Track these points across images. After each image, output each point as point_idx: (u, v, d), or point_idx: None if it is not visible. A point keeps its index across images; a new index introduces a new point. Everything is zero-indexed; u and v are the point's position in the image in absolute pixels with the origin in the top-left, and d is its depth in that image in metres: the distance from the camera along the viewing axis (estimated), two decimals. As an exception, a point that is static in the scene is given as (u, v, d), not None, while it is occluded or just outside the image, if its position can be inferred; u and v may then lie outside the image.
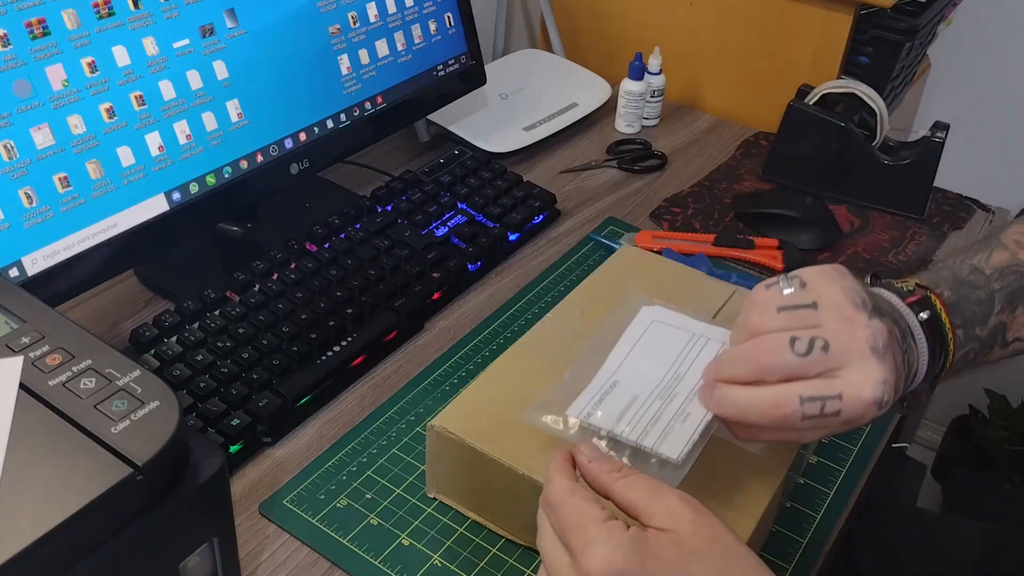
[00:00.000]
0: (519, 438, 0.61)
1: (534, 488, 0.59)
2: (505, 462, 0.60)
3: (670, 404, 0.57)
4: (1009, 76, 1.55)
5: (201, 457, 0.46)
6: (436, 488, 0.67)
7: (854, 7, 1.12)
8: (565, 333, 0.71)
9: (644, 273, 0.78)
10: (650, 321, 0.64)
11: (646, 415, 0.57)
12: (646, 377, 0.59)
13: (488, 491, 0.63)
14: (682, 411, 0.56)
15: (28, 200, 0.68)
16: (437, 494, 0.67)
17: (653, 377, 0.59)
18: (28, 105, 0.67)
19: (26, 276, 0.68)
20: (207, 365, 0.73)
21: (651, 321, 0.64)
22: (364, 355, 0.78)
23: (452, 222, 0.94)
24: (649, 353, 0.62)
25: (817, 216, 0.98)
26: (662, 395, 0.58)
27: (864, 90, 1.05)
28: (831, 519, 0.68)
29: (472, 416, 0.63)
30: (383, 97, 0.94)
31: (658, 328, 0.64)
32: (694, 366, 0.60)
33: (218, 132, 0.80)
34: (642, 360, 0.61)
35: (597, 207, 1.03)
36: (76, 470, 0.42)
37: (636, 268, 0.78)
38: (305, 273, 0.82)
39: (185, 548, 0.48)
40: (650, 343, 0.62)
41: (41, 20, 0.67)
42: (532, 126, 1.12)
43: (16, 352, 0.47)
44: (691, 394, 0.57)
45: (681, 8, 1.25)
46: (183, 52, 0.76)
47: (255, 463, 0.70)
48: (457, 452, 0.62)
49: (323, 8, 0.87)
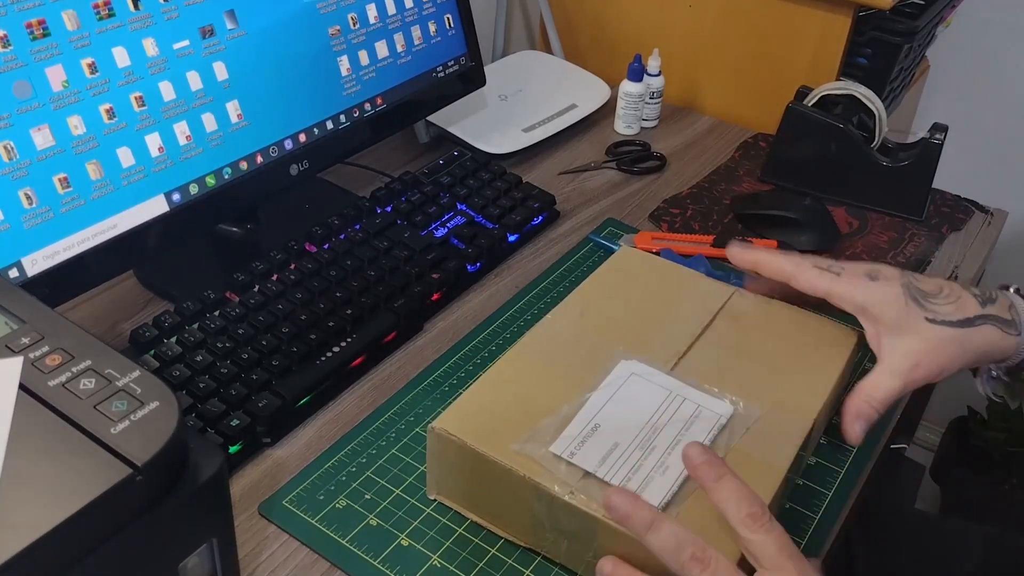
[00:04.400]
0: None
1: (535, 489, 0.59)
2: (506, 464, 0.60)
3: (649, 455, 0.60)
4: (1008, 78, 1.55)
5: (200, 457, 0.46)
6: (437, 490, 0.67)
7: (853, 9, 1.12)
8: (565, 334, 0.71)
9: (643, 274, 0.78)
10: (628, 374, 0.66)
11: (628, 462, 0.60)
12: (626, 426, 0.62)
13: (489, 493, 0.63)
14: (661, 463, 0.60)
15: (28, 201, 0.68)
16: (438, 496, 0.67)
17: (632, 426, 0.62)
18: (28, 106, 0.67)
19: (26, 277, 0.68)
20: (207, 366, 0.73)
21: (629, 374, 0.66)
22: (363, 356, 0.79)
23: (451, 223, 0.94)
24: (628, 403, 0.64)
25: (816, 217, 0.99)
26: (641, 445, 0.61)
27: (863, 92, 1.05)
28: (829, 520, 0.68)
29: (473, 418, 0.63)
30: (383, 98, 0.94)
31: (636, 381, 0.66)
32: (672, 421, 0.63)
33: (218, 133, 0.80)
34: (621, 409, 0.64)
35: (596, 208, 1.03)
36: (75, 470, 0.42)
37: (635, 269, 0.79)
38: (304, 274, 0.83)
39: (184, 548, 0.48)
40: (628, 395, 0.65)
41: (41, 21, 0.67)
42: (531, 127, 1.12)
43: (16, 353, 0.47)
44: (670, 447, 0.61)
45: (680, 10, 1.25)
46: (183, 53, 0.76)
47: (254, 463, 0.70)
48: (458, 454, 0.62)
49: (323, 9, 0.87)
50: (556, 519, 0.60)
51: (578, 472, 0.59)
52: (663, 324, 0.72)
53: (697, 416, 0.63)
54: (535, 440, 0.61)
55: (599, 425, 0.62)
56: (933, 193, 1.06)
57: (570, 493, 0.58)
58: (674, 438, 0.61)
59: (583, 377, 0.66)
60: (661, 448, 0.61)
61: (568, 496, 0.58)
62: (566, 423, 0.62)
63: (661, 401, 0.64)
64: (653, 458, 0.60)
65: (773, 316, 0.74)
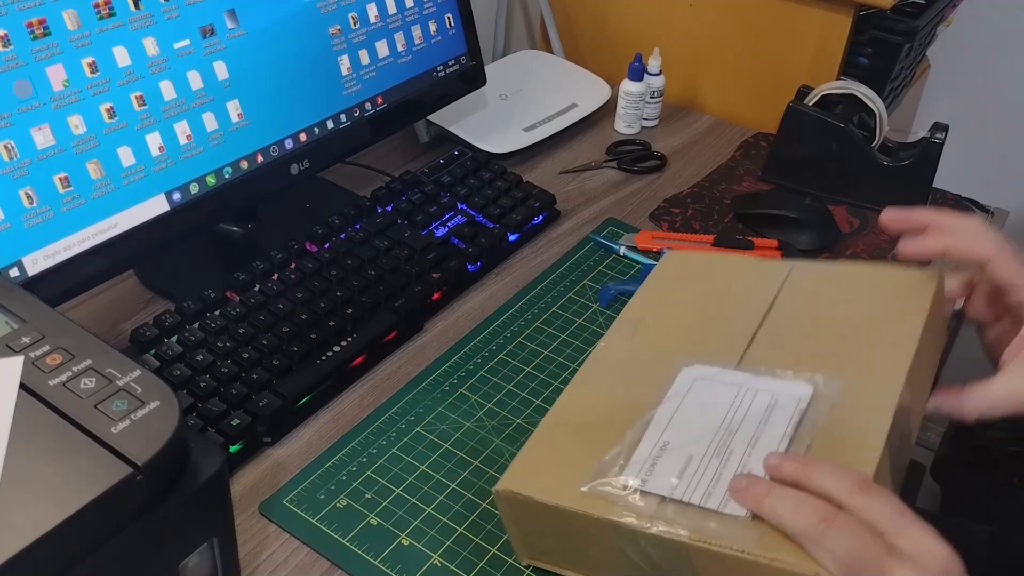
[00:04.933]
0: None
1: (613, 528, 0.54)
2: (577, 509, 0.55)
3: (728, 461, 0.55)
4: (1008, 77, 1.55)
5: (201, 457, 0.46)
6: (527, 554, 0.62)
7: (853, 8, 1.12)
8: (619, 358, 0.66)
9: (692, 274, 0.74)
10: (692, 380, 0.62)
11: (706, 473, 0.54)
12: (698, 435, 0.57)
13: (576, 544, 0.58)
14: (743, 467, 0.54)
15: (28, 200, 0.68)
16: (530, 560, 0.62)
17: (705, 434, 0.57)
18: (29, 105, 0.67)
19: (26, 276, 0.68)
20: (207, 365, 0.73)
21: (693, 380, 0.62)
22: (364, 355, 0.79)
23: (452, 223, 0.94)
24: (696, 411, 0.59)
25: (816, 217, 0.99)
26: (718, 452, 0.56)
27: (863, 91, 1.04)
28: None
29: (536, 470, 0.59)
30: (383, 98, 0.94)
31: (701, 386, 0.61)
32: (747, 418, 0.58)
33: (218, 132, 0.80)
34: (690, 419, 0.59)
35: (597, 208, 1.03)
36: (76, 470, 0.42)
37: (682, 271, 0.74)
38: (305, 273, 0.83)
39: (185, 548, 0.48)
40: (696, 402, 0.60)
41: (42, 20, 0.67)
42: (532, 127, 1.12)
43: (16, 352, 0.47)
44: (749, 447, 0.55)
45: (681, 9, 1.25)
46: (184, 53, 0.76)
47: (255, 463, 0.70)
48: (529, 512, 0.58)
49: (323, 9, 0.87)
50: (645, 554, 0.54)
51: (655, 499, 0.54)
52: (722, 319, 0.67)
53: (774, 406, 0.58)
54: (603, 474, 0.56)
55: (668, 442, 0.57)
56: (934, 193, 1.06)
57: (649, 522, 0.53)
58: (752, 436, 0.56)
59: (645, 397, 0.61)
60: (740, 451, 0.55)
61: (648, 527, 0.53)
62: (633, 449, 0.57)
63: (732, 400, 0.59)
64: (733, 463, 0.55)
65: (839, 279, 0.68)
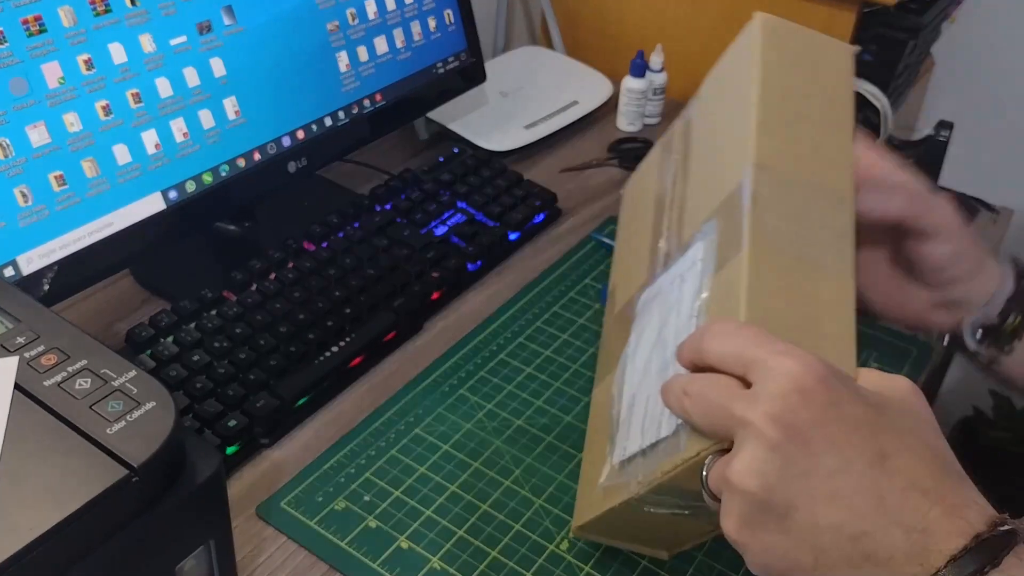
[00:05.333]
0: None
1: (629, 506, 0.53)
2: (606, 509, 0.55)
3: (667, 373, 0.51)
4: (1014, 74, 1.55)
5: (197, 458, 0.46)
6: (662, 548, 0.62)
7: (857, 5, 1.11)
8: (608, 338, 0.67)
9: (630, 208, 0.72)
10: (640, 314, 0.60)
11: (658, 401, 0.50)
12: (644, 369, 0.56)
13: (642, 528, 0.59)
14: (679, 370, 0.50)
15: (23, 198, 0.67)
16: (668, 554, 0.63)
17: (647, 362, 0.56)
18: (24, 103, 0.66)
19: (21, 275, 0.68)
20: (204, 365, 0.72)
21: (640, 313, 0.60)
22: (362, 356, 0.78)
23: (452, 221, 0.93)
24: (641, 347, 0.58)
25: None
26: (660, 373, 0.52)
27: (868, 88, 1.04)
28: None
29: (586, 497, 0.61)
30: (382, 95, 0.94)
31: (645, 313, 0.59)
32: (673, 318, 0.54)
33: (215, 130, 0.79)
34: (639, 356, 0.58)
35: (598, 206, 1.03)
36: (71, 471, 0.42)
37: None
38: (303, 273, 0.82)
39: (181, 551, 0.48)
40: (641, 338, 0.59)
41: (37, 17, 0.66)
42: (533, 124, 1.11)
43: (11, 352, 0.47)
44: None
45: (683, 5, 1.24)
46: (180, 49, 0.75)
47: (252, 465, 0.70)
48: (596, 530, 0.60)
49: (322, 5, 0.86)
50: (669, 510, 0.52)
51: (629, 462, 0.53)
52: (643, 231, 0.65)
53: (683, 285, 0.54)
54: (605, 464, 0.57)
55: (635, 395, 0.55)
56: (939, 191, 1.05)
57: (638, 483, 0.51)
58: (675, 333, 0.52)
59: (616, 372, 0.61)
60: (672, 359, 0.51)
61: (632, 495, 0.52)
62: (616, 423, 0.57)
63: (663, 307, 0.55)
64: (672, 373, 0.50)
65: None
